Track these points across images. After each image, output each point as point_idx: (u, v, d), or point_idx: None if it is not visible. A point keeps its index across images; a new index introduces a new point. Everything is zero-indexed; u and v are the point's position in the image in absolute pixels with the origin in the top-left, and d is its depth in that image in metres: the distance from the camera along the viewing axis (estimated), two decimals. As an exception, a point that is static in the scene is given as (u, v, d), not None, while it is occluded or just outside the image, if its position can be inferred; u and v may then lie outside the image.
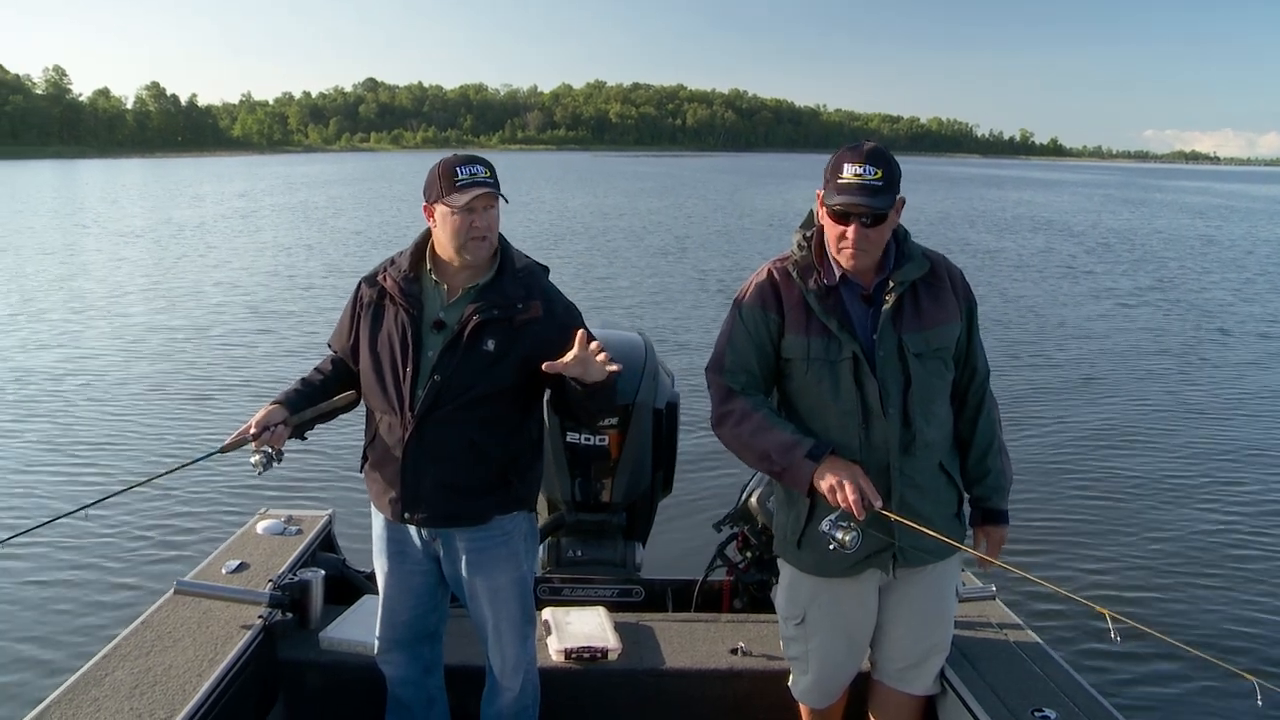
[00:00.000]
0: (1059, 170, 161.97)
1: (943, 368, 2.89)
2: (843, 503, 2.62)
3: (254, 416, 2.93)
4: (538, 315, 2.95)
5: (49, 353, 12.77)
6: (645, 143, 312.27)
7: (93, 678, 3.10)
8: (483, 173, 2.87)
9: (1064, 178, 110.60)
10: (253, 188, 59.40)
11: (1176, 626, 5.59)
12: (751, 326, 2.90)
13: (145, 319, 15.19)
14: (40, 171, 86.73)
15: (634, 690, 3.56)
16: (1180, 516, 7.51)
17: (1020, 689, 3.23)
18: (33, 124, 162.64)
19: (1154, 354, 13.67)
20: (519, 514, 3.10)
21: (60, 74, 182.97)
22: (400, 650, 3.24)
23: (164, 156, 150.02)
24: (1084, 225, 38.40)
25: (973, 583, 4.02)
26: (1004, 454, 3.07)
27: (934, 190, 66.02)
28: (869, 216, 2.70)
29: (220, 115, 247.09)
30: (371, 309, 3.03)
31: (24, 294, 17.61)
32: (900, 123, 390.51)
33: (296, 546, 4.19)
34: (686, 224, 34.74)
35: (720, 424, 2.92)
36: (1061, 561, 6.61)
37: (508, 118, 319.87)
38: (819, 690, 3.16)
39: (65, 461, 8.36)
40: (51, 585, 5.97)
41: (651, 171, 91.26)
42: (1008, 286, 19.75)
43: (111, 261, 22.78)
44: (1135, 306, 17.86)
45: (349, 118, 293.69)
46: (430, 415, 2.89)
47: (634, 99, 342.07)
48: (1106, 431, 9.86)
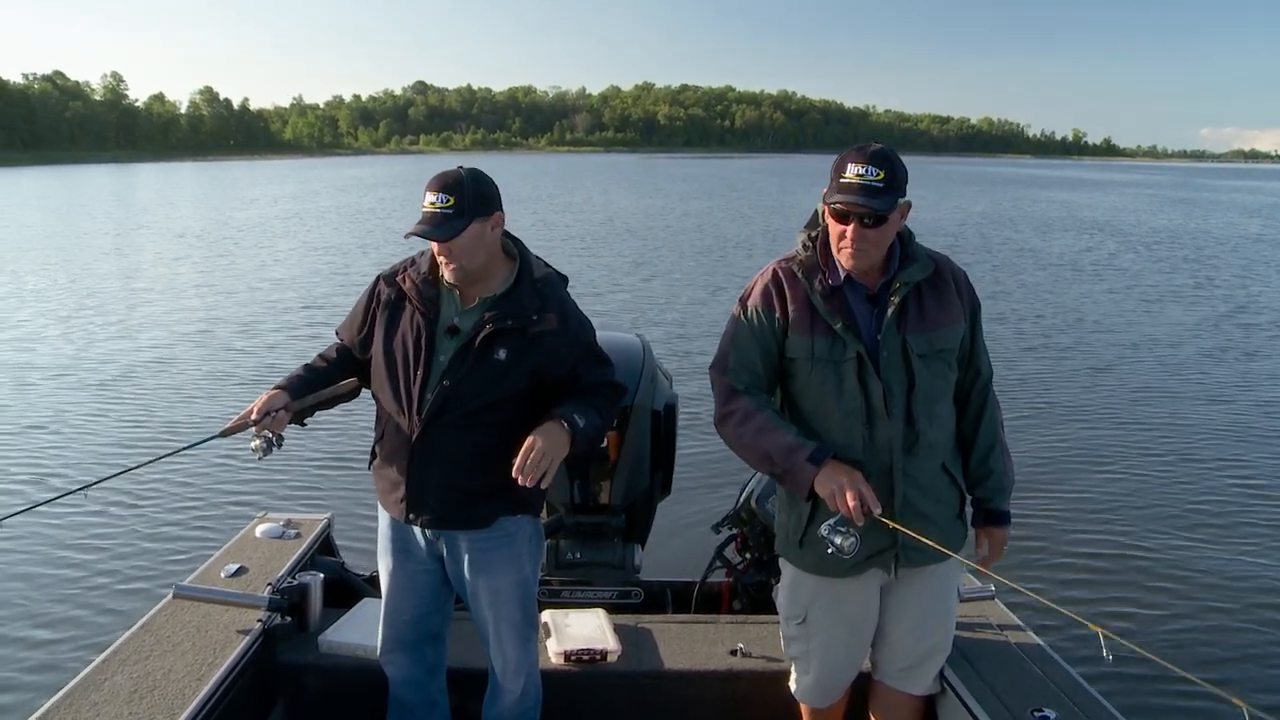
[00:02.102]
0: (1111, 170, 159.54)
1: (946, 369, 2.90)
2: (842, 509, 2.64)
3: (255, 401, 2.94)
4: (552, 327, 2.95)
5: (107, 344, 13.18)
6: (693, 144, 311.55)
7: (92, 682, 3.10)
8: (441, 202, 2.84)
9: (1114, 178, 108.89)
10: (303, 189, 59.99)
11: (1169, 646, 5.54)
12: (756, 326, 2.92)
13: (200, 314, 15.62)
14: (98, 175, 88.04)
15: (634, 692, 3.57)
16: (1187, 536, 7.35)
17: (1020, 689, 3.23)
18: (91, 129, 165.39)
19: (1180, 361, 13.42)
20: (523, 517, 3.11)
21: (118, 80, 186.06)
22: (403, 651, 3.25)
23: (216, 160, 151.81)
24: (1123, 224, 37.89)
25: (973, 583, 4.00)
26: (1006, 455, 3.08)
27: (980, 191, 65.37)
28: (870, 217, 2.71)
29: (272, 119, 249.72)
30: (388, 308, 3.05)
31: (86, 289, 18.18)
32: (950, 123, 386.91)
33: (295, 550, 4.20)
34: (732, 225, 34.61)
35: (723, 423, 2.94)
36: (1061, 570, 6.56)
37: (556, 120, 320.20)
38: (820, 690, 3.18)
39: (98, 441, 8.66)
40: (49, 589, 5.96)
41: (698, 173, 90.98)
42: (1033, 284, 19.26)
43: (167, 260, 23.31)
44: (1159, 308, 17.64)
45: (398, 120, 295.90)
46: (437, 420, 2.91)
47: (682, 100, 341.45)
48: (1123, 436, 9.76)
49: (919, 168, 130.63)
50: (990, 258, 24.89)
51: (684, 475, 5.32)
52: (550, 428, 2.82)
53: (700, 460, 7.59)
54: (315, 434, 3.18)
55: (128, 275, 20.86)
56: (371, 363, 3.09)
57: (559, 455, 2.81)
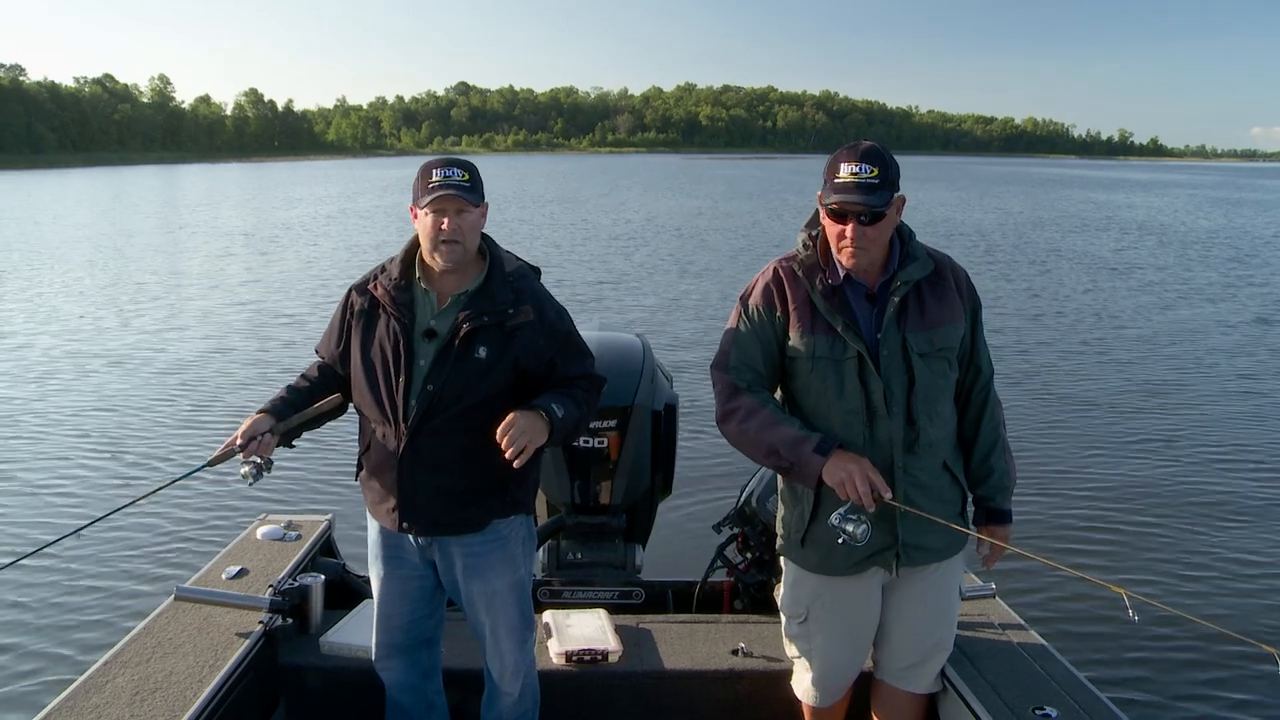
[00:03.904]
0: (1157, 171, 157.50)
1: (946, 367, 2.90)
2: (852, 495, 2.66)
3: (240, 428, 2.90)
4: (529, 319, 2.94)
5: (156, 335, 13.63)
6: (735, 145, 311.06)
7: (94, 685, 3.10)
8: (457, 175, 2.85)
9: (1159, 178, 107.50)
10: (345, 190, 60.57)
11: (1190, 608, 5.50)
12: (757, 324, 2.94)
13: (250, 309, 16.09)
14: (145, 176, 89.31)
15: (635, 692, 3.57)
16: (1191, 503, 7.54)
17: (1021, 687, 3.22)
18: (138, 130, 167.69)
19: (1200, 353, 13.42)
20: (516, 518, 3.10)
21: (165, 82, 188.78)
22: (398, 656, 3.25)
23: (260, 161, 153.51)
24: (1162, 224, 37.44)
25: (974, 582, 3.99)
26: (1008, 454, 3.08)
27: (1023, 191, 64.87)
28: (866, 214, 2.72)
29: (315, 120, 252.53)
30: (363, 317, 3.01)
31: (134, 287, 18.63)
32: (994, 124, 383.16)
33: (296, 551, 4.20)
34: (773, 224, 34.57)
35: (726, 420, 2.94)
36: (1071, 551, 6.60)
37: (598, 120, 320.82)
38: (821, 689, 3.18)
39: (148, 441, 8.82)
40: (52, 593, 5.95)
41: (739, 174, 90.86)
42: (1071, 282, 19.35)
43: (213, 258, 23.83)
44: (1178, 303, 17.60)
45: (441, 121, 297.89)
46: (424, 425, 2.89)
47: (724, 101, 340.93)
48: (1149, 423, 9.88)
49: (961, 168, 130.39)
50: (1023, 255, 24.86)
51: (685, 475, 5.34)
52: (528, 413, 2.81)
53: (701, 460, 7.59)
54: (315, 436, 3.15)
55: (175, 272, 21.34)
56: (351, 375, 3.05)
57: (538, 440, 2.79)
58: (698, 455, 7.55)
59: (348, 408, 3.14)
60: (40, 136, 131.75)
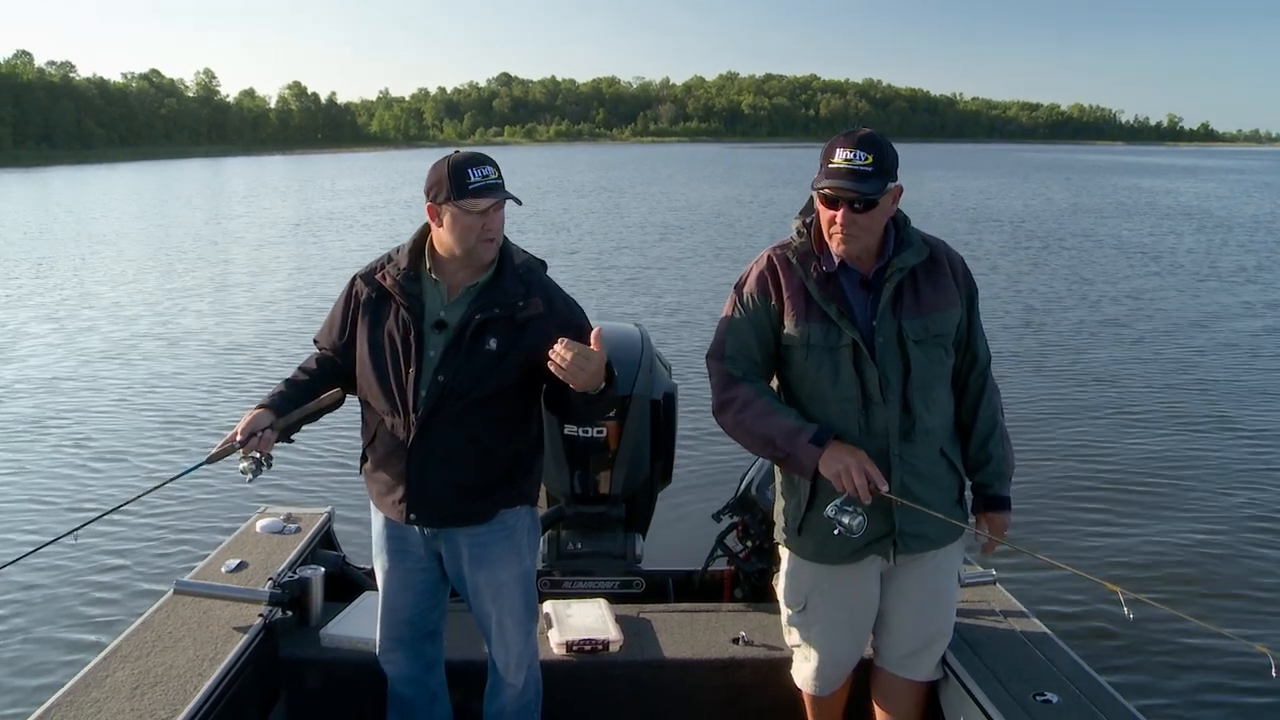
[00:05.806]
0: (1207, 156, 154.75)
1: (943, 354, 2.89)
2: (848, 487, 2.66)
3: (239, 423, 2.88)
4: (539, 311, 2.92)
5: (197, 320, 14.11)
6: (778, 134, 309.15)
7: (93, 679, 3.11)
8: (494, 174, 2.84)
9: (1207, 164, 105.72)
10: (388, 181, 60.82)
11: (1187, 605, 5.41)
12: (751, 313, 2.93)
13: (296, 296, 16.63)
14: (192, 169, 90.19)
15: (635, 681, 3.57)
16: (1190, 498, 7.47)
17: (1022, 673, 3.22)
18: (184, 124, 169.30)
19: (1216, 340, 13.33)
20: (521, 509, 3.09)
21: (210, 76, 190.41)
22: (402, 649, 3.24)
23: (304, 153, 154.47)
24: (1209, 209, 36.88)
25: (974, 568, 3.97)
26: (1006, 440, 3.06)
27: (1066, 178, 64.10)
28: (859, 201, 2.70)
29: (358, 112, 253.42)
30: (369, 307, 2.99)
31: (178, 276, 19.22)
32: (1040, 110, 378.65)
33: (296, 544, 4.20)
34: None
35: (722, 411, 2.94)
36: (1066, 543, 6.56)
37: (640, 110, 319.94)
38: (821, 677, 3.18)
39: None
40: (51, 588, 5.95)
41: (782, 163, 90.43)
42: (1066, 269, 19.08)
43: (256, 248, 24.32)
44: (1202, 289, 17.45)
45: (483, 112, 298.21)
46: (434, 416, 2.87)
47: (766, 90, 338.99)
48: (1146, 409, 9.86)
49: (1006, 155, 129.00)
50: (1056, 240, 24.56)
51: (684, 464, 5.33)
52: (600, 355, 2.74)
53: (700, 449, 7.60)
54: (315, 428, 3.15)
55: (224, 260, 21.85)
56: (357, 365, 3.02)
57: (597, 370, 2.73)
58: (697, 444, 7.57)
59: (346, 401, 3.13)
60: (89, 132, 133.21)
